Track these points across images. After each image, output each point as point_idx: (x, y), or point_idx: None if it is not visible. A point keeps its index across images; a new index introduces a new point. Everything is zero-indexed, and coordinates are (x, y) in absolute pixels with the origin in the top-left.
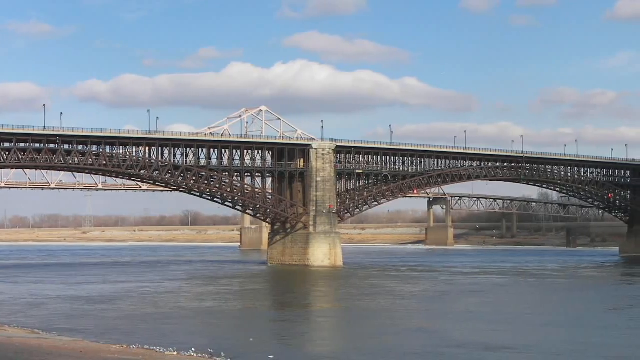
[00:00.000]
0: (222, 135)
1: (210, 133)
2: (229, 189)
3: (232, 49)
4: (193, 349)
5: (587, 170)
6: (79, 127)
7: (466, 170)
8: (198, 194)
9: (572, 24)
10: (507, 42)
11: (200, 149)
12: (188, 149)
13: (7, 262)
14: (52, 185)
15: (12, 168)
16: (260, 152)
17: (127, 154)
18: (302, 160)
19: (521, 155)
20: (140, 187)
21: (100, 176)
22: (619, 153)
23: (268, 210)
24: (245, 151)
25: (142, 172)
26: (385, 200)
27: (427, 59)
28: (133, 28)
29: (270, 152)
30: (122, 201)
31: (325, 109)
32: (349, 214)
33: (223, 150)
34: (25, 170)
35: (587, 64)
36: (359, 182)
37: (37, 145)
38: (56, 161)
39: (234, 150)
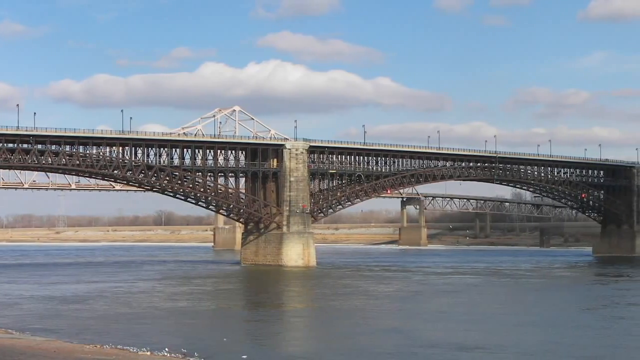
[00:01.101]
0: (195, 135)
1: (184, 133)
2: (202, 189)
3: (205, 49)
4: (166, 349)
5: (561, 171)
6: (52, 127)
7: (439, 170)
8: (171, 194)
9: (545, 24)
10: (481, 42)
11: (173, 149)
12: (161, 149)
13: None
14: (26, 185)
15: None
16: (233, 152)
17: (101, 154)
18: (275, 160)
19: (494, 155)
20: (114, 187)
21: (74, 176)
22: (592, 153)
23: (241, 210)
24: (219, 151)
25: (115, 172)
26: (358, 200)
27: (400, 59)
28: (107, 28)
29: (244, 152)
30: (96, 201)
31: (299, 109)
32: (322, 214)
33: (196, 150)
34: None
35: (561, 64)
36: (333, 182)
37: (10, 145)
38: (29, 161)
39: (208, 150)
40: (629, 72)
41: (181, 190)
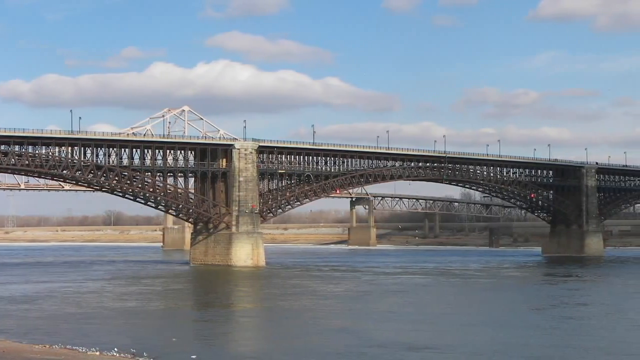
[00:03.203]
0: (144, 135)
1: (133, 133)
2: (151, 189)
3: (154, 49)
4: (115, 349)
5: (510, 170)
6: (1, 127)
7: (389, 170)
8: (120, 194)
9: (495, 24)
10: (430, 42)
11: (122, 149)
12: (110, 149)
13: None
14: None
15: None
16: (182, 152)
17: (50, 154)
18: (224, 160)
19: (444, 155)
20: (63, 187)
21: (23, 176)
22: (541, 153)
23: (190, 210)
24: (168, 151)
25: (64, 172)
26: (307, 200)
27: (349, 59)
28: (56, 28)
29: (193, 152)
30: (45, 201)
31: (248, 109)
32: (271, 214)
33: (145, 150)
34: None
35: (510, 64)
36: (282, 182)
37: None
38: None
39: (157, 150)
40: (578, 72)
41: (130, 190)
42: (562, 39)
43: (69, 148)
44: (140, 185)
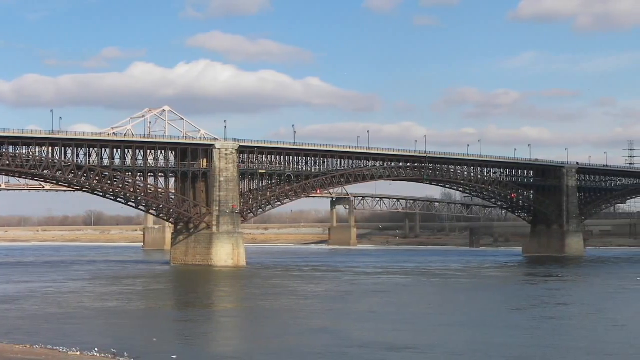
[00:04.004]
0: (125, 135)
1: (114, 133)
2: (132, 189)
3: (135, 49)
4: (96, 349)
5: (491, 171)
6: None
7: (369, 170)
8: (101, 194)
9: (475, 24)
10: (411, 42)
11: (103, 149)
12: (91, 149)
13: None
14: None
15: None
16: (163, 152)
17: (30, 154)
18: (205, 160)
19: (424, 155)
20: (44, 187)
21: (4, 176)
22: (522, 153)
23: (171, 210)
24: (149, 151)
25: (45, 172)
26: (288, 200)
27: (330, 59)
28: (36, 28)
29: (174, 152)
30: (25, 201)
31: (229, 109)
32: (252, 214)
33: (126, 150)
34: None
35: (491, 64)
36: (262, 182)
37: None
38: None
39: (137, 150)
40: (559, 72)
41: (111, 190)
42: (543, 39)
43: (50, 148)
44: (120, 186)
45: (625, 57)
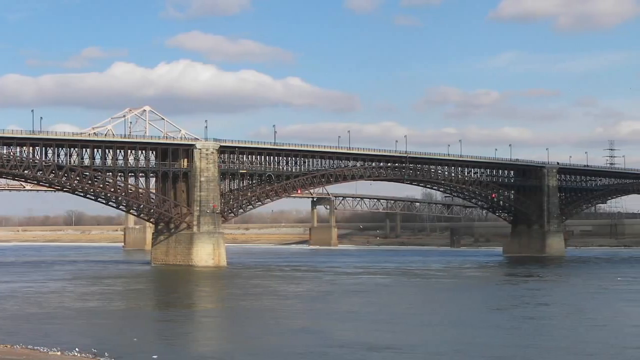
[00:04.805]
0: (105, 135)
1: (94, 133)
2: (112, 189)
3: (115, 49)
4: (77, 349)
5: (471, 171)
6: None
7: (350, 170)
8: (82, 194)
9: (456, 24)
10: (391, 42)
11: (84, 149)
12: (72, 149)
13: None
14: None
15: None
16: (144, 152)
17: (11, 153)
18: (186, 160)
19: (405, 155)
20: (24, 187)
21: None
22: (503, 153)
23: (152, 210)
24: (129, 151)
25: (25, 172)
26: (269, 200)
27: (310, 59)
28: (16, 28)
29: (154, 152)
30: (6, 201)
31: (209, 109)
32: (232, 214)
33: (107, 150)
34: None
35: (471, 64)
36: (243, 182)
37: None
38: None
39: (118, 150)
40: (539, 72)
41: (92, 190)
42: (523, 39)
43: (31, 148)
44: (101, 185)
45: (606, 57)
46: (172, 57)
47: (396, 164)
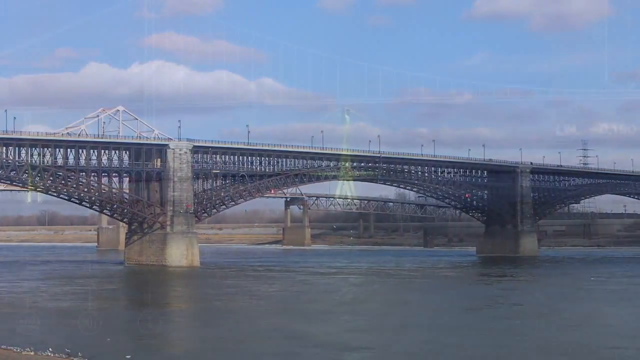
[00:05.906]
0: (79, 135)
1: (68, 133)
2: (85, 189)
3: (89, 49)
4: (50, 349)
5: (445, 171)
6: None
7: (323, 170)
8: (55, 194)
9: (429, 24)
10: (365, 42)
11: (57, 149)
12: (45, 149)
13: None
14: None
15: None
16: (117, 152)
17: None
18: (159, 160)
19: (378, 155)
20: None
21: None
22: (476, 153)
23: (125, 210)
24: (102, 151)
25: None
26: (242, 200)
27: (283, 59)
28: None
29: (127, 152)
30: None
31: (183, 109)
32: (206, 214)
33: (80, 150)
34: None
35: (444, 63)
36: (216, 182)
37: None
38: None
39: (91, 150)
40: (512, 71)
41: (65, 190)
42: (497, 39)
43: (3, 148)
44: (74, 186)
45: (579, 57)
46: (145, 57)
47: (369, 164)
